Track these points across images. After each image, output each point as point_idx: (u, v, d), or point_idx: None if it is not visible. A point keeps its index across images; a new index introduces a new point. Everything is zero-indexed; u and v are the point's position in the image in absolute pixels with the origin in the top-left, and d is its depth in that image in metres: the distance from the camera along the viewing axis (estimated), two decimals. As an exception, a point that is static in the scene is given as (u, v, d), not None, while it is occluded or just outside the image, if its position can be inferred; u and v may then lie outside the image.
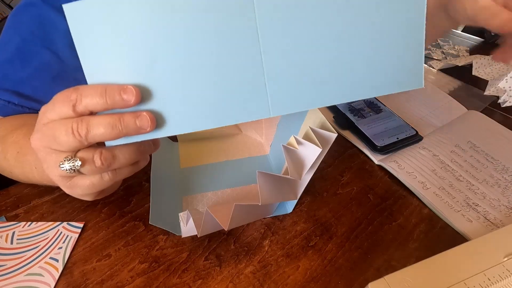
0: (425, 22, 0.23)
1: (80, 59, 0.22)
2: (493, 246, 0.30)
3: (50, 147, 0.24)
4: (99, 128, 0.22)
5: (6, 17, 1.21)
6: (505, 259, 0.28)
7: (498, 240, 0.30)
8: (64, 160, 0.23)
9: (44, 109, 0.24)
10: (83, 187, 0.25)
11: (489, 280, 0.27)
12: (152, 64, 0.22)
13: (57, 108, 0.23)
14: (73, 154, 0.23)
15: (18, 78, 0.38)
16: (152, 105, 0.22)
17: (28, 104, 0.39)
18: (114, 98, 0.21)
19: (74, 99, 0.22)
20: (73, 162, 0.23)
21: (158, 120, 0.23)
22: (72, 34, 0.21)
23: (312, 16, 0.22)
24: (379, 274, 0.31)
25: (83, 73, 0.22)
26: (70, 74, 0.39)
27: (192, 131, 0.23)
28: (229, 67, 0.22)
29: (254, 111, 0.23)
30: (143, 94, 0.22)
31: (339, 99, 0.23)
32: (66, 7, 0.20)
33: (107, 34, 0.21)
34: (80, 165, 0.23)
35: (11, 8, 1.20)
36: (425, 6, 0.23)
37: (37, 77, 0.39)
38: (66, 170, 0.23)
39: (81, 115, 0.22)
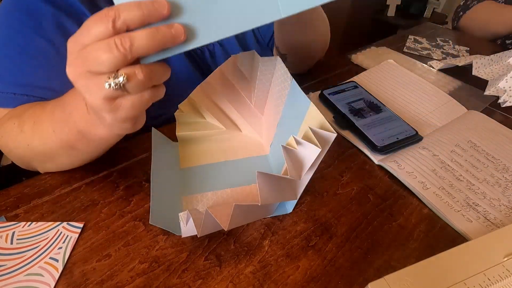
0: None
1: None
2: (493, 246, 0.30)
3: (90, 70, 0.24)
4: (142, 39, 0.23)
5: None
6: (505, 259, 0.28)
7: (498, 240, 0.30)
8: (109, 78, 0.24)
9: (74, 39, 0.24)
10: (125, 108, 0.26)
11: (489, 280, 0.27)
12: None
13: (93, 29, 0.23)
14: (115, 72, 0.24)
15: (16, 68, 0.39)
16: (179, 19, 0.24)
17: (33, 92, 0.39)
18: (149, 8, 0.22)
19: (112, 15, 0.22)
20: (117, 78, 0.23)
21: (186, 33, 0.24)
22: None
23: None
24: (379, 274, 0.31)
25: None
26: (61, 56, 0.40)
27: (216, 40, 0.25)
28: None
29: (266, 14, 0.25)
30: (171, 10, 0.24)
31: None
32: None
33: None
34: (125, 79, 0.24)
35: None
36: None
37: (35, 65, 0.39)
38: (112, 86, 0.24)
39: (119, 32, 0.23)
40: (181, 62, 0.50)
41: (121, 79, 0.23)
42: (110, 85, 0.24)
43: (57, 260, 0.31)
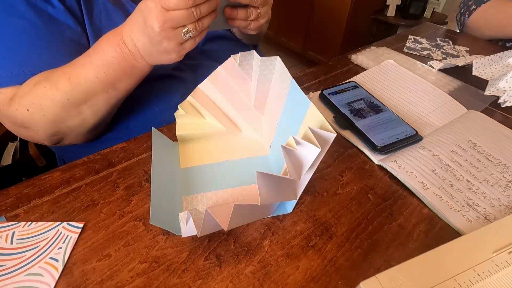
0: None
1: None
2: (482, 242, 0.30)
3: (174, 26, 0.37)
4: (205, 11, 0.38)
5: None
6: (494, 254, 0.29)
7: (488, 235, 0.30)
8: (185, 31, 0.38)
9: (154, 3, 0.35)
10: (186, 48, 0.41)
11: (479, 275, 0.27)
12: None
13: (177, 3, 0.35)
14: (186, 27, 0.38)
15: (5, 50, 0.42)
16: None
17: (29, 67, 0.42)
18: None
19: None
20: (188, 29, 0.38)
21: None
22: None
23: None
24: (379, 274, 0.31)
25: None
26: (44, 31, 0.43)
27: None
28: None
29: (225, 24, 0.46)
30: None
31: None
32: None
33: None
34: (192, 30, 0.38)
35: None
36: None
37: (20, 43, 0.42)
38: (185, 35, 0.38)
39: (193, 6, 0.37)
40: None
41: (191, 30, 0.38)
42: (184, 34, 0.38)
43: (57, 260, 0.31)
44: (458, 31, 0.91)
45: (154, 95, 0.53)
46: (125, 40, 0.40)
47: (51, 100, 0.41)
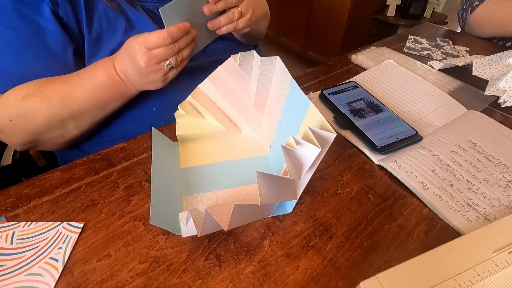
0: None
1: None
2: (482, 242, 0.30)
3: (158, 61, 0.42)
4: (183, 44, 0.44)
5: None
6: (494, 254, 0.29)
7: (488, 235, 0.31)
8: (167, 63, 0.43)
9: (138, 44, 0.41)
10: (170, 77, 0.46)
11: (479, 275, 0.27)
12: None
13: (157, 42, 0.41)
14: (168, 60, 0.43)
15: None
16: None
17: (9, 77, 0.43)
18: (187, 32, 0.44)
19: (170, 38, 0.41)
20: (170, 62, 0.43)
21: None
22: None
23: None
24: (379, 274, 0.31)
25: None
26: (30, 41, 0.43)
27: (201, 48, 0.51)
28: None
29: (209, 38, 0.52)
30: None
31: None
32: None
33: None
34: (173, 62, 0.43)
35: None
36: None
37: (4, 53, 0.43)
38: (168, 66, 0.43)
39: (172, 42, 0.42)
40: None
41: (172, 62, 0.43)
42: (167, 66, 0.43)
43: (57, 260, 0.31)
44: (458, 31, 0.91)
45: (153, 95, 0.53)
46: (117, 70, 0.44)
47: (39, 115, 0.42)
